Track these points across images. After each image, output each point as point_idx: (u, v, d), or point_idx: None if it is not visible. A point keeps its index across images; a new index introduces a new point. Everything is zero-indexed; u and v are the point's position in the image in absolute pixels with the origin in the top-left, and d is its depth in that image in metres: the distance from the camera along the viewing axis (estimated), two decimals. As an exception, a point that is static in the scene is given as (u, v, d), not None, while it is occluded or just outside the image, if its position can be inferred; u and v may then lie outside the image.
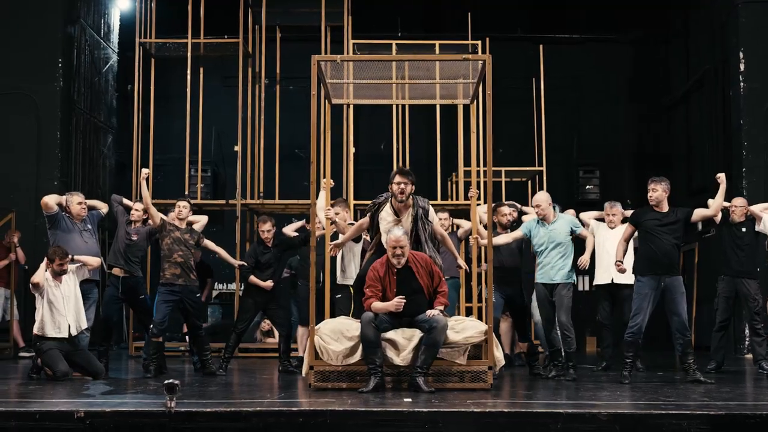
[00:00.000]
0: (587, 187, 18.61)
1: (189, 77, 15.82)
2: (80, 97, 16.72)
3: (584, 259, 10.52)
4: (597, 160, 18.89)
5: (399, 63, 10.44)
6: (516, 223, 11.44)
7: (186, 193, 15.60)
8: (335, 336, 9.03)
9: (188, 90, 15.82)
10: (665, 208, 10.02)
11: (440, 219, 11.95)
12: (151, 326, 10.97)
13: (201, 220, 12.57)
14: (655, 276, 9.85)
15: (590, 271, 11.68)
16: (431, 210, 9.66)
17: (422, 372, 8.75)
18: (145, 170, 11.33)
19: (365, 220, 9.71)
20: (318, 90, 9.53)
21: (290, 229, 12.53)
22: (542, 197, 10.70)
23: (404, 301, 8.81)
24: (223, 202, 15.79)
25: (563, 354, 10.48)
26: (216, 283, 18.25)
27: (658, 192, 9.99)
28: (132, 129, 16.14)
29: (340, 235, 10.44)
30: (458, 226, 12.45)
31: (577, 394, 8.84)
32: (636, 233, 10.19)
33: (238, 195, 15.67)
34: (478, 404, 7.41)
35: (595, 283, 12.00)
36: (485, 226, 10.80)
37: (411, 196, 9.50)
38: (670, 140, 19.25)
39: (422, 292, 9.05)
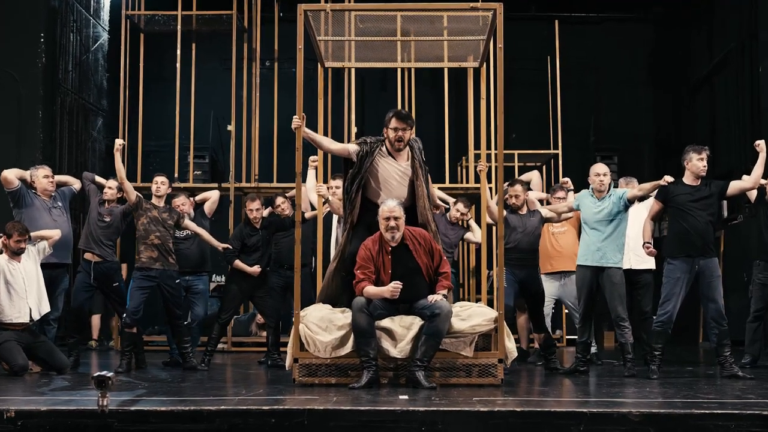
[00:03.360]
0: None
1: (179, 52, 14.84)
2: (66, 76, 15.67)
3: None
4: (615, 144, 17.78)
5: (402, 25, 9.39)
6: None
7: (175, 176, 14.69)
8: (323, 324, 7.90)
9: (178, 65, 14.88)
10: (698, 181, 8.92)
11: (457, 211, 11.01)
12: (124, 316, 9.90)
13: (212, 196, 11.56)
14: (687, 258, 8.77)
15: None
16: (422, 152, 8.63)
17: (422, 365, 7.63)
18: (118, 141, 10.24)
19: (346, 149, 8.54)
20: (306, 47, 8.45)
21: None
22: (606, 167, 9.64)
23: (400, 286, 7.70)
24: (215, 185, 14.71)
25: (623, 348, 9.32)
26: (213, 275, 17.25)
27: (705, 161, 8.94)
28: (124, 111, 15.21)
29: (333, 203, 9.41)
30: (469, 226, 11.41)
31: (600, 391, 7.75)
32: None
33: (231, 178, 14.70)
34: (486, 402, 6.31)
35: None
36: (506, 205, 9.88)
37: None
38: (692, 123, 18.12)
39: (421, 273, 7.96)
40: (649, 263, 10.14)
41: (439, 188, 12.84)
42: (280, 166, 15.10)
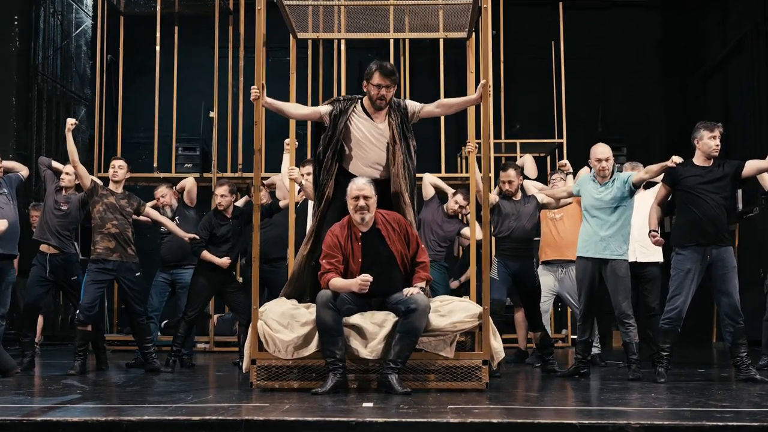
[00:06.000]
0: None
1: (159, 35, 14.13)
2: (45, 62, 14.88)
3: None
4: (623, 135, 16.87)
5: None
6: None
7: (154, 165, 13.97)
8: (284, 321, 7.00)
9: (158, 47, 14.20)
10: (709, 162, 8.01)
11: (455, 203, 10.19)
12: (77, 312, 9.02)
13: (186, 185, 10.76)
14: (698, 247, 7.86)
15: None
16: (409, 106, 7.67)
17: (396, 367, 6.73)
18: (70, 120, 9.36)
19: (317, 111, 7.67)
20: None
21: None
22: (608, 150, 8.70)
23: (370, 280, 6.80)
24: (197, 175, 13.89)
25: (627, 348, 8.46)
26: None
27: (718, 139, 8.05)
28: (111, 101, 14.76)
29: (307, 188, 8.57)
30: (466, 220, 10.57)
31: (598, 397, 6.84)
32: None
33: (213, 167, 13.93)
34: (460, 412, 5.38)
35: None
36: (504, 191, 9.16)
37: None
38: (704, 112, 17.17)
39: (395, 263, 7.04)
40: (656, 255, 9.25)
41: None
42: (267, 155, 14.31)
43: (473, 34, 8.87)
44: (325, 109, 7.57)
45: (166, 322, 13.01)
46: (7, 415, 5.16)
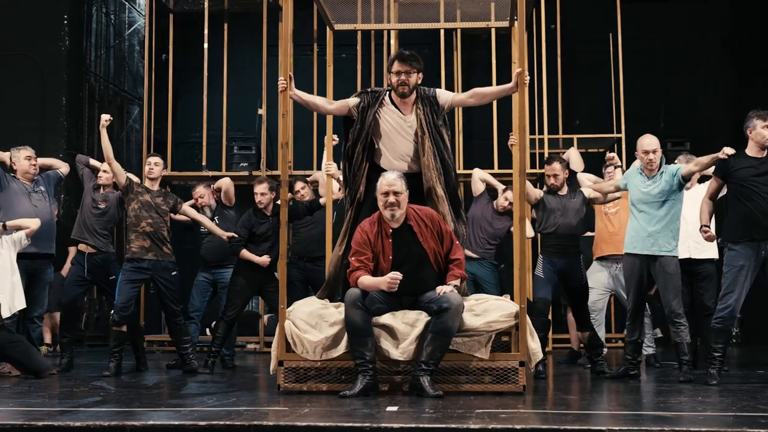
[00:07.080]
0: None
1: (207, 31, 14.04)
2: (97, 61, 14.82)
3: None
4: (687, 131, 16.37)
5: None
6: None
7: (203, 163, 13.84)
8: (312, 321, 6.76)
9: (206, 44, 14.08)
10: (763, 152, 7.60)
11: (505, 200, 9.93)
12: (112, 312, 8.86)
13: (223, 185, 10.56)
14: (752, 242, 7.45)
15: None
16: (440, 95, 7.40)
17: (428, 369, 6.43)
18: (105, 116, 9.18)
19: (346, 104, 7.42)
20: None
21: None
22: (655, 141, 8.31)
23: (399, 277, 6.50)
24: (245, 173, 13.74)
25: (678, 349, 8.05)
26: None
27: None
28: (164, 101, 14.62)
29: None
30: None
31: (642, 401, 6.49)
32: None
33: (263, 165, 13.73)
34: (485, 417, 5.06)
35: None
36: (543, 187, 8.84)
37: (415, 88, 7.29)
38: (770, 107, 16.63)
39: (428, 260, 6.74)
40: (711, 252, 8.82)
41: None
42: (320, 153, 14.19)
43: (515, 22, 8.55)
44: (353, 101, 7.36)
45: (215, 323, 12.85)
46: (16, 418, 4.99)
